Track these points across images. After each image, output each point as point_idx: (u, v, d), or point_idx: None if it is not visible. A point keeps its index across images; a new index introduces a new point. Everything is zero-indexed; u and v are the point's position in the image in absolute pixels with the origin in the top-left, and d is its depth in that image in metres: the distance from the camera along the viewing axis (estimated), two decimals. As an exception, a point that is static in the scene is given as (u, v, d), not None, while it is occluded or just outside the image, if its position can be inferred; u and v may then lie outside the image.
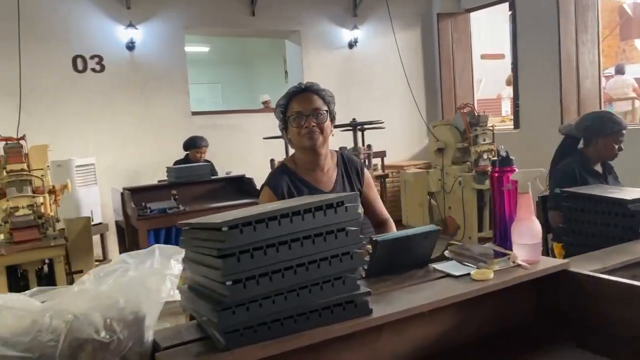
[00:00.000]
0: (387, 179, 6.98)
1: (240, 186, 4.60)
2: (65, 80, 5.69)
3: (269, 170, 5.25)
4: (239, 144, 6.36)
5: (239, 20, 6.65)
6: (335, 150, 2.15)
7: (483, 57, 10.27)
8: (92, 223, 4.43)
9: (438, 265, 1.52)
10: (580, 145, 2.99)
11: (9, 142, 3.39)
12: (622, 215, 1.97)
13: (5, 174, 3.26)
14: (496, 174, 1.60)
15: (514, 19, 6.85)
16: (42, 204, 3.24)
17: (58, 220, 3.59)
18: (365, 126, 4.90)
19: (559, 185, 2.83)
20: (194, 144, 5.16)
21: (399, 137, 7.27)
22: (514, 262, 1.49)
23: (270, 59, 10.72)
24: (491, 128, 5.97)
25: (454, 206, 5.69)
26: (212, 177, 4.73)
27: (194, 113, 6.43)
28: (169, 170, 4.49)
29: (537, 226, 1.51)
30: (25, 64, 5.40)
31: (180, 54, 6.32)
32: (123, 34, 5.92)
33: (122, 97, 5.96)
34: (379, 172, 5.85)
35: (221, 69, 11.47)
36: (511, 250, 1.51)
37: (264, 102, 9.23)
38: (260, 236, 1.06)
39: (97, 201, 5.42)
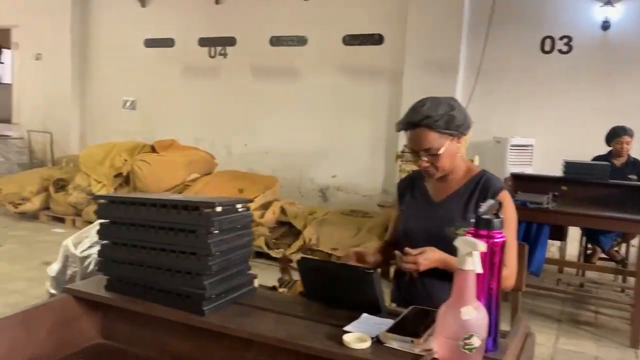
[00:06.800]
0: None
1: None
2: (530, 61, 5.82)
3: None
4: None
5: None
6: (477, 168, 1.82)
7: None
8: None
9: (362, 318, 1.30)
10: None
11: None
12: None
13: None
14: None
15: None
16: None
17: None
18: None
19: None
20: (613, 133, 4.48)
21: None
22: (422, 351, 1.12)
23: None
24: None
25: None
26: (614, 180, 4.04)
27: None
28: (565, 163, 4.18)
29: (475, 319, 1.06)
30: (492, 44, 5.87)
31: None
32: (598, 12, 5.49)
33: (585, 80, 5.61)
34: None
35: None
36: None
37: None
38: (129, 214, 1.36)
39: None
